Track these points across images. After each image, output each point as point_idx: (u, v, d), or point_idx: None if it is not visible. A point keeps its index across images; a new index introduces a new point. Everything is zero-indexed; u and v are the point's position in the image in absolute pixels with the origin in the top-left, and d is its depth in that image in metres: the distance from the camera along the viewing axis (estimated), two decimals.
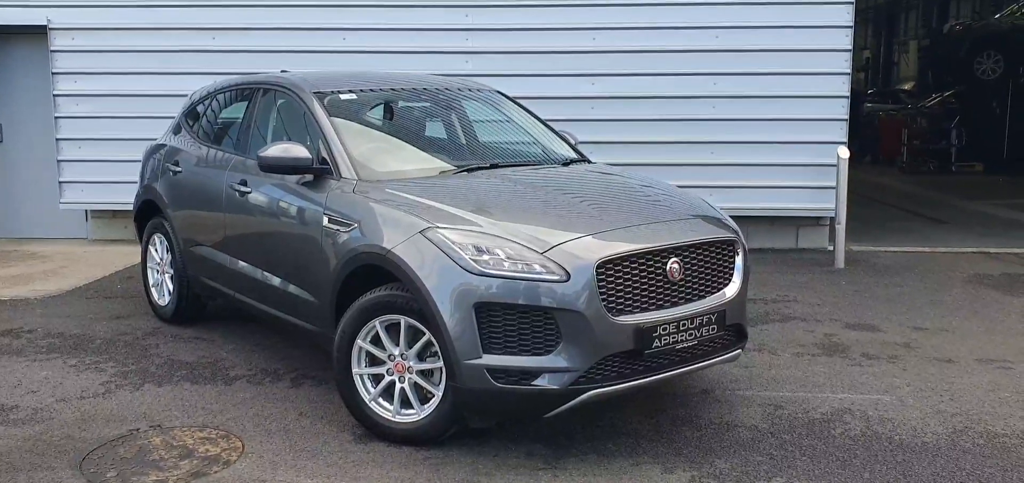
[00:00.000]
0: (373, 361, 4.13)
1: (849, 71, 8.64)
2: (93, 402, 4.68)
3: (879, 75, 29.97)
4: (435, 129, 5.65)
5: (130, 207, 6.72)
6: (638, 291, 3.86)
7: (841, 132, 8.59)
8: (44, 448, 4.09)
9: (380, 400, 4.13)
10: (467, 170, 4.83)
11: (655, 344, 3.84)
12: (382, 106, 5.48)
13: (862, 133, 18.59)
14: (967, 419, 4.45)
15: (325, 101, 4.98)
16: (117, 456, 4.01)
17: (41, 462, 3.95)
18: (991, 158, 17.12)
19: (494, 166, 4.95)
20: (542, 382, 3.72)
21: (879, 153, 18.87)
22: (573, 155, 5.46)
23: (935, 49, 22.09)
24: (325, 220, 4.44)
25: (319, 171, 4.63)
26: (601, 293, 3.74)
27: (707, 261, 4.14)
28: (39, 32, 9.04)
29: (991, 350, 5.58)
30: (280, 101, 5.40)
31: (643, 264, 3.89)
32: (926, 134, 18.21)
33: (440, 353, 3.86)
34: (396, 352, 4.05)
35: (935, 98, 19.51)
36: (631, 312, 3.82)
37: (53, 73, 9.04)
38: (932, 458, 4.00)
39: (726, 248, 4.27)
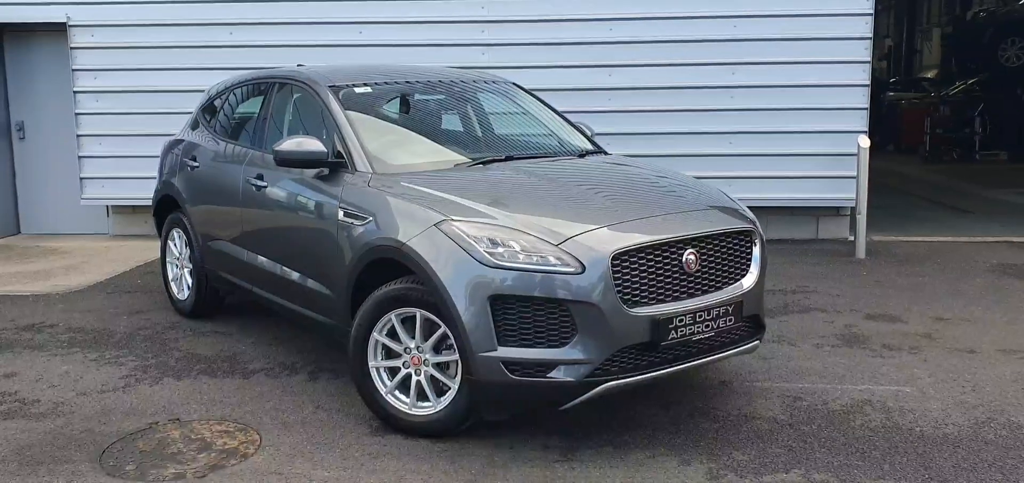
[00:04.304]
0: (389, 354, 4.14)
1: (869, 59, 8.53)
2: (113, 396, 4.72)
3: (901, 63, 29.65)
4: (450, 122, 5.64)
5: (150, 202, 6.77)
6: (654, 283, 3.83)
7: (862, 121, 8.49)
8: (64, 441, 4.14)
9: (396, 393, 4.14)
10: (482, 163, 4.83)
11: (671, 336, 3.82)
12: (397, 99, 5.48)
13: (884, 122, 18.38)
14: (990, 410, 4.39)
15: (340, 94, 4.98)
16: (136, 449, 4.04)
17: (62, 455, 3.99)
18: (1015, 146, 16.89)
19: (509, 158, 4.93)
20: (558, 374, 3.71)
21: (901, 142, 18.67)
22: (589, 146, 5.43)
23: (958, 36, 21.82)
24: (340, 214, 4.44)
25: (334, 165, 4.63)
26: (616, 285, 3.72)
27: (724, 252, 4.10)
28: (59, 29, 9.12)
29: (1014, 340, 5.51)
30: (296, 95, 5.41)
31: (659, 255, 3.86)
32: (949, 122, 17.99)
33: (456, 346, 3.86)
34: (412, 345, 4.05)
35: (958, 86, 19.28)
36: (647, 304, 3.79)
37: (73, 70, 9.12)
38: (953, 449, 3.95)
39: (743, 238, 4.23)
